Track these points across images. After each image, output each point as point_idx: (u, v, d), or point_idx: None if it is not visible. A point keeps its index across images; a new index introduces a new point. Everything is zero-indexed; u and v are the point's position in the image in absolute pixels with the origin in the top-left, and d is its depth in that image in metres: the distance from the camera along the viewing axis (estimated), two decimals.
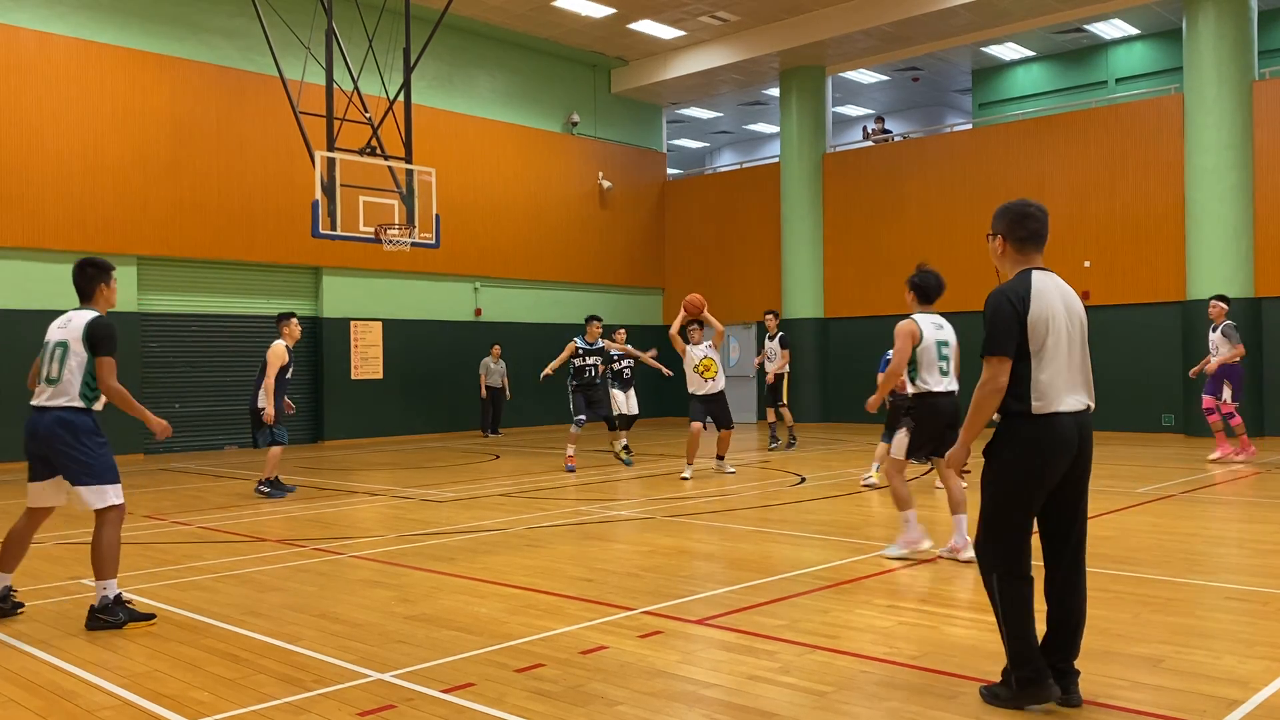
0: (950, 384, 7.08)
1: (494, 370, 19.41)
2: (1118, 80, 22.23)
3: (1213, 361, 12.80)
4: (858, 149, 22.56)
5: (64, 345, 5.60)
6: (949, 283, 7.98)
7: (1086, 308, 7.80)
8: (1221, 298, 13.08)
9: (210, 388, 16.93)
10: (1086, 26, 21.12)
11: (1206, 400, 12.96)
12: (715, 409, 12.09)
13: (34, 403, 5.70)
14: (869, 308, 21.04)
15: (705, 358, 12.05)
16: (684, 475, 11.89)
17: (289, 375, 11.18)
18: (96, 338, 5.55)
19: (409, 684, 4.37)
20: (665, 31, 20.85)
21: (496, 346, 19.54)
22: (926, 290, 7.26)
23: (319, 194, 13.29)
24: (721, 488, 11.18)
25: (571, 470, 12.88)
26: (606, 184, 22.95)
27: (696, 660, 4.70)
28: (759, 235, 22.84)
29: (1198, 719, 3.83)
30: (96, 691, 4.35)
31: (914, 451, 7.05)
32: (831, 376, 21.78)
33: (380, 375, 19.00)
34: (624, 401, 14.26)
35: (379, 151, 14.06)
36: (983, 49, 22.58)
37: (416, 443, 18.41)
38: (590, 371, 13.19)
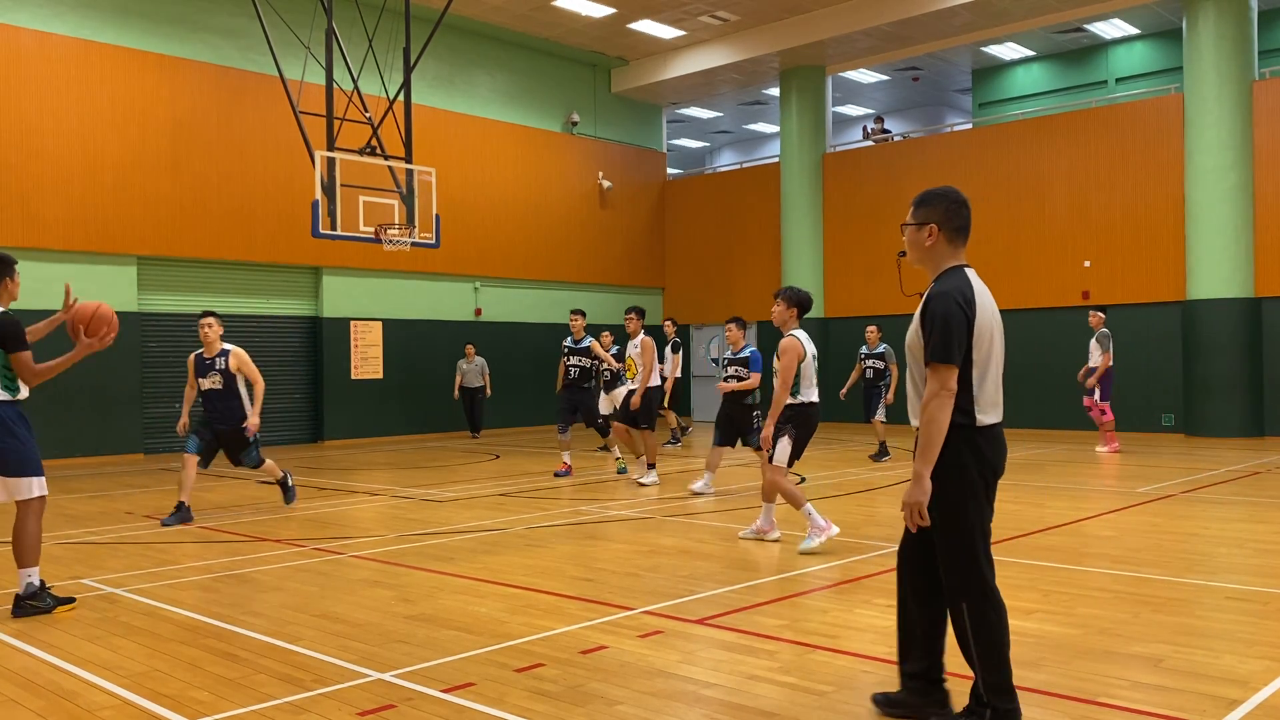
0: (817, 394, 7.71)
1: (469, 370, 19.09)
2: (1118, 80, 22.23)
3: (1094, 369, 14.25)
4: (857, 149, 22.56)
5: None
6: None
7: (1086, 308, 7.75)
8: (1100, 308, 14.64)
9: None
10: (1086, 26, 21.12)
11: (1087, 400, 14.55)
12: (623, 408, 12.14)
13: None
14: (869, 308, 21.03)
15: (630, 357, 11.92)
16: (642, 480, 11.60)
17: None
18: (4, 336, 5.60)
19: (409, 684, 4.37)
20: (665, 31, 20.85)
21: (470, 346, 19.13)
22: (806, 306, 7.62)
23: (319, 194, 13.29)
24: (724, 487, 11.17)
25: (559, 474, 12.28)
26: (606, 184, 22.95)
27: (696, 660, 4.70)
28: (759, 235, 22.84)
29: (1198, 719, 3.83)
30: (96, 691, 4.35)
31: (796, 458, 7.62)
32: (832, 377, 21.74)
33: (380, 375, 19.00)
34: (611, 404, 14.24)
35: (379, 151, 14.06)
36: (983, 49, 22.58)
37: (416, 443, 18.41)
38: (573, 372, 12.23)
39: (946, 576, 3.63)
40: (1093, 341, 14.41)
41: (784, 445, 7.46)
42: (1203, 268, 16.98)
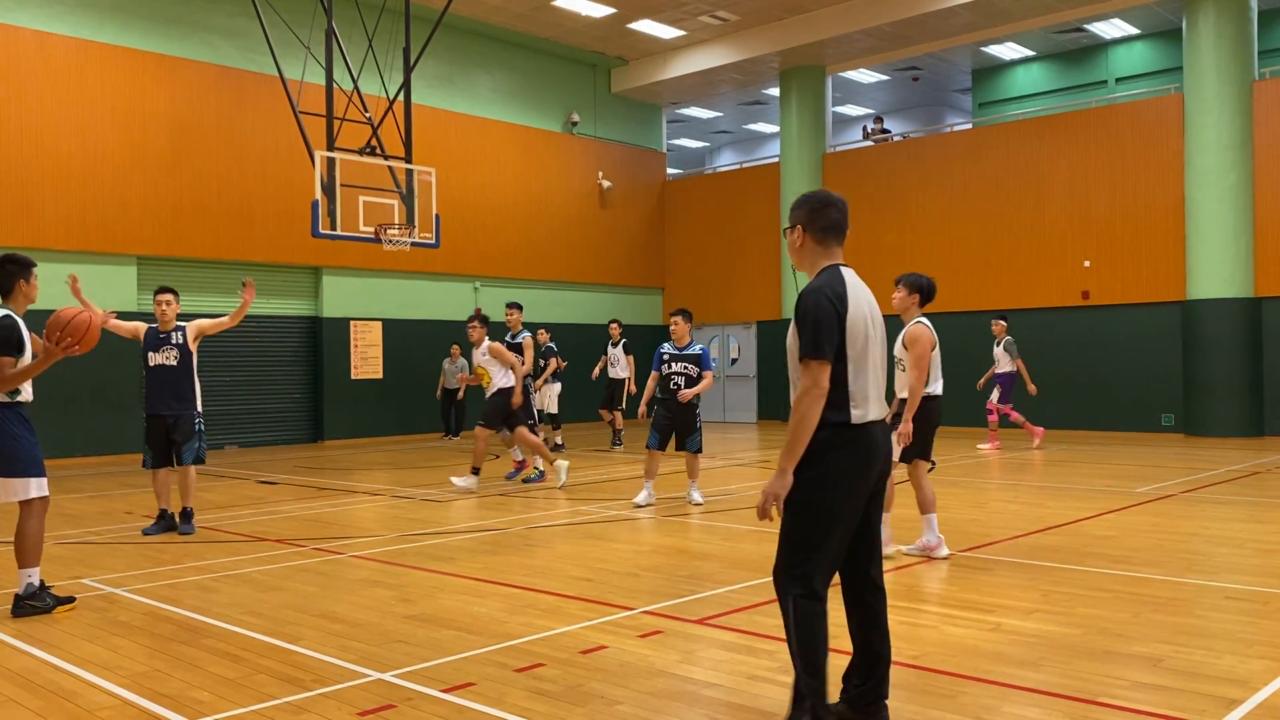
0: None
1: (451, 370, 18.94)
2: (1118, 80, 22.23)
3: (998, 372, 15.05)
4: (858, 149, 22.56)
5: None
6: (946, 283, 8.04)
7: (1087, 308, 7.78)
8: (1002, 316, 15.32)
9: (210, 387, 16.84)
10: (1086, 26, 21.12)
11: (990, 404, 15.30)
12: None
13: None
14: None
15: (479, 365, 11.38)
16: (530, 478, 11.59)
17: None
18: None
19: (409, 684, 4.37)
20: (665, 31, 20.85)
21: (455, 346, 18.95)
22: (927, 292, 6.96)
23: (319, 194, 13.30)
24: (724, 487, 11.17)
25: (529, 479, 11.74)
26: (606, 184, 22.95)
27: (696, 660, 4.70)
28: (759, 235, 22.83)
29: (1197, 719, 3.83)
30: (96, 691, 4.35)
31: (922, 457, 7.06)
32: None
33: (380, 375, 19.00)
34: (550, 400, 14.76)
35: (379, 151, 14.06)
36: (983, 49, 22.58)
37: (416, 443, 18.41)
38: None
39: (781, 562, 3.59)
40: (999, 349, 15.00)
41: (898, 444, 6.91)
42: (1203, 268, 16.98)
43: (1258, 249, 16.87)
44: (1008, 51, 23.08)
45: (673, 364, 9.55)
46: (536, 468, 11.83)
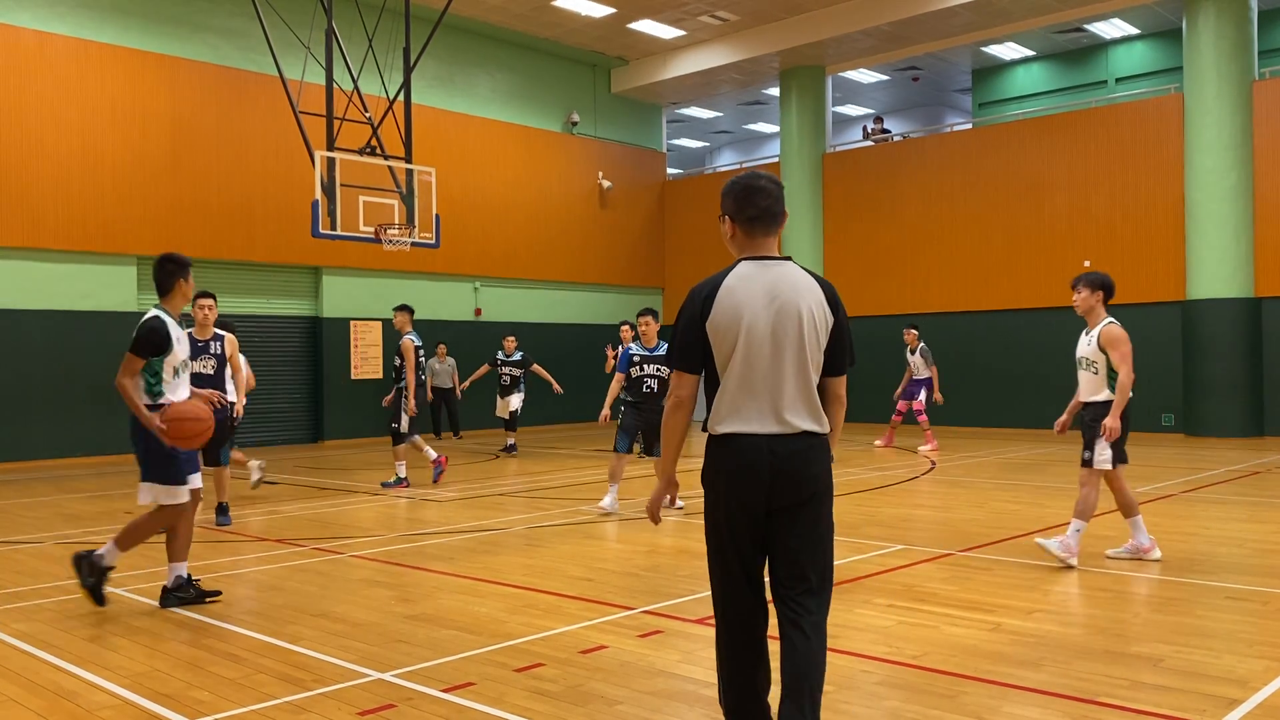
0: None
1: (440, 370, 18.81)
2: (1118, 80, 22.23)
3: (916, 377, 15.55)
4: (857, 149, 22.56)
5: None
6: (945, 283, 8.09)
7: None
8: (914, 326, 15.78)
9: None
10: (1086, 26, 21.12)
11: (909, 404, 15.64)
12: None
13: None
14: (869, 307, 21.03)
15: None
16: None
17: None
18: (138, 337, 5.87)
19: (409, 684, 4.37)
20: (665, 31, 20.85)
21: (442, 346, 18.74)
22: (1110, 290, 7.23)
23: (319, 194, 13.30)
24: None
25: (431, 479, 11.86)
26: (606, 184, 22.95)
27: (696, 660, 4.70)
28: None
29: (1197, 718, 3.83)
30: (96, 691, 4.35)
31: (1121, 460, 6.85)
32: None
33: (380, 375, 18.99)
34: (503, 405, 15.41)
35: (379, 151, 14.06)
36: (983, 49, 22.58)
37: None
38: (393, 374, 12.22)
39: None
40: (915, 357, 15.47)
41: (1102, 446, 6.79)
42: (1203, 268, 16.98)
43: (1258, 249, 16.87)
44: (1008, 51, 23.08)
45: (644, 365, 9.31)
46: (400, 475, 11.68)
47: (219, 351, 8.91)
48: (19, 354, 14.74)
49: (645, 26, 20.54)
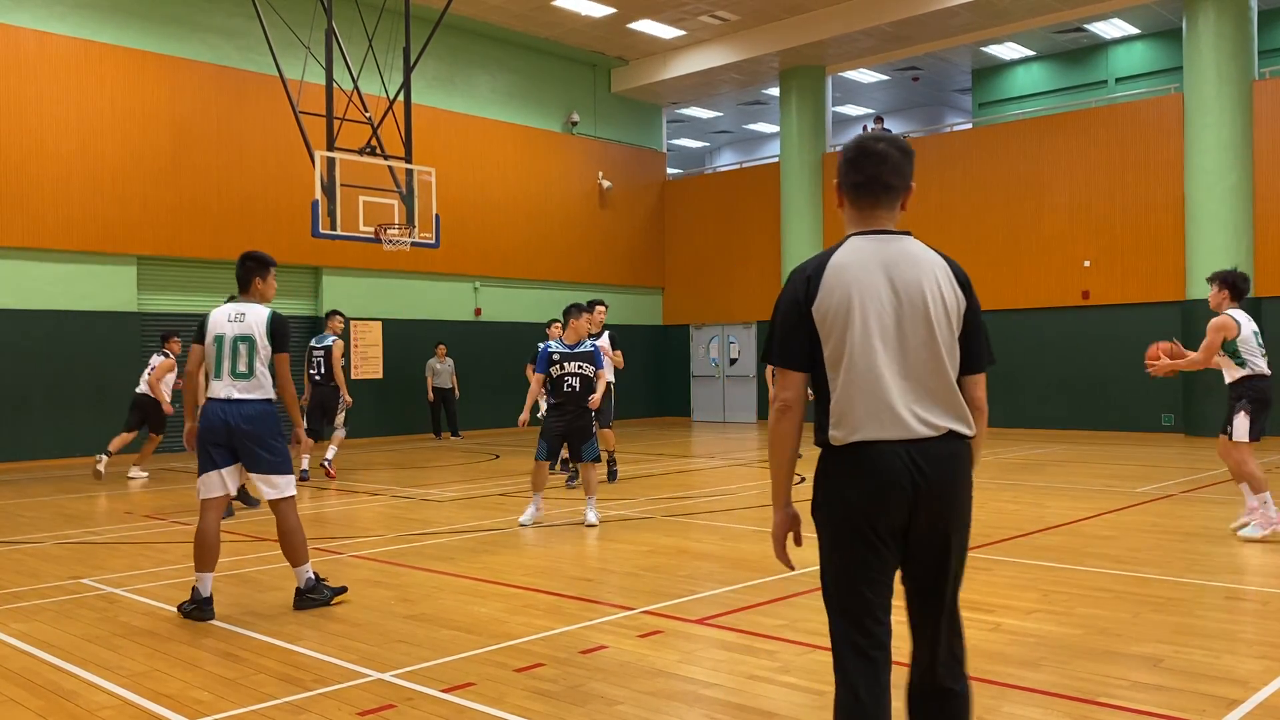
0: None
1: (441, 370, 18.86)
2: (1118, 80, 22.23)
3: None
4: None
5: (249, 340, 5.76)
6: None
7: (1087, 308, 7.83)
8: None
9: None
10: (1086, 26, 21.12)
11: None
12: None
13: (223, 395, 5.75)
14: None
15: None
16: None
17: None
18: (278, 333, 5.84)
19: (409, 684, 4.37)
20: (665, 31, 20.85)
21: (441, 346, 18.97)
22: (1239, 287, 7.78)
23: (319, 194, 13.30)
24: (723, 487, 11.16)
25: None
26: (606, 184, 22.95)
27: (696, 660, 4.70)
28: (759, 235, 22.84)
29: (1197, 718, 3.83)
30: (96, 691, 4.35)
31: (1260, 433, 7.45)
32: None
33: (380, 375, 18.99)
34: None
35: (379, 151, 14.06)
36: (983, 49, 22.58)
37: (416, 443, 18.41)
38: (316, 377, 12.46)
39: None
40: None
41: (1242, 420, 7.37)
42: (1203, 268, 16.94)
43: (1258, 249, 16.86)
44: (1008, 51, 23.08)
45: (565, 364, 8.59)
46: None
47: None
48: (19, 354, 14.74)
49: (645, 26, 20.54)
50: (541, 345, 8.82)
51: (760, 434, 19.15)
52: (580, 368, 8.60)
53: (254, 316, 5.80)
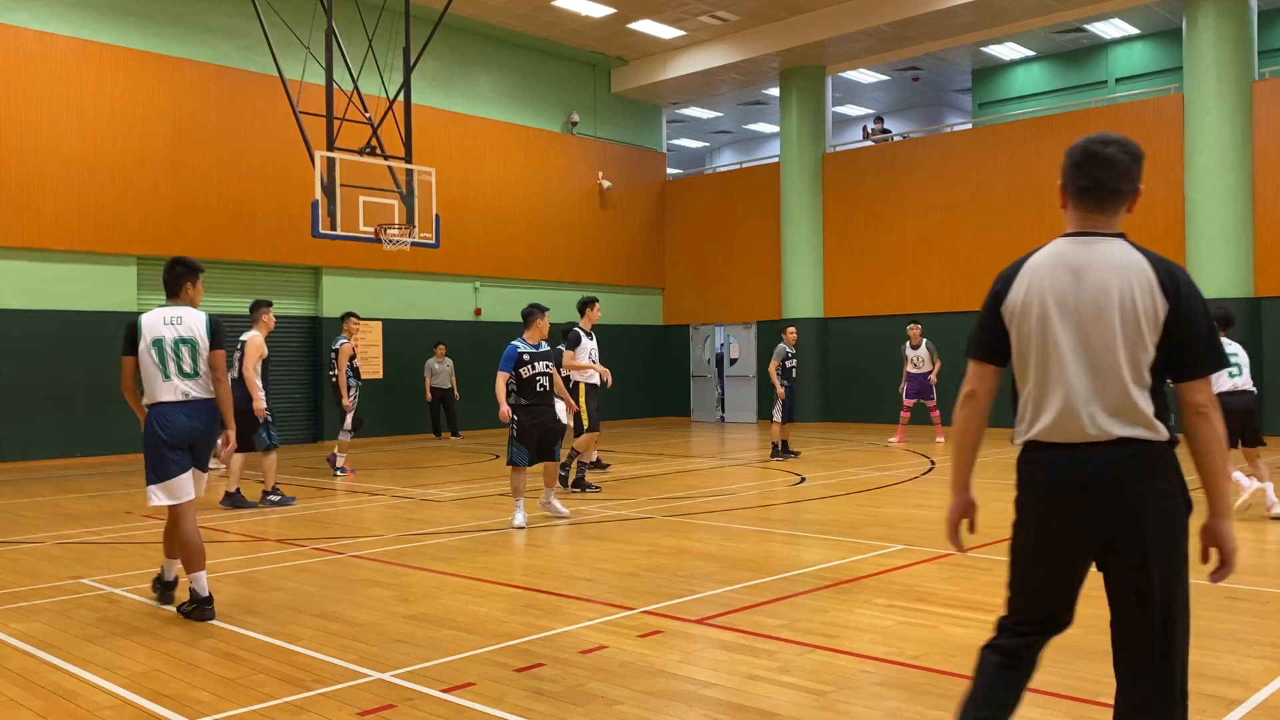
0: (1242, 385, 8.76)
1: (439, 370, 18.84)
2: (1118, 80, 22.23)
3: (914, 372, 16.55)
4: (857, 149, 22.56)
5: (191, 342, 5.79)
6: (946, 283, 8.26)
7: None
8: (917, 323, 16.69)
9: None
10: (1086, 26, 21.12)
11: (915, 401, 16.65)
12: None
13: (179, 396, 5.73)
14: (869, 307, 21.05)
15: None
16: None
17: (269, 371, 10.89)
18: (217, 332, 5.91)
19: (409, 684, 4.37)
20: (665, 31, 20.85)
21: (441, 346, 18.95)
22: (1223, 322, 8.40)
23: (319, 194, 13.30)
24: (723, 487, 11.16)
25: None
26: (606, 184, 22.95)
27: (696, 660, 4.70)
28: (759, 235, 22.84)
29: (1198, 719, 3.83)
30: (96, 691, 4.35)
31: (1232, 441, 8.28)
32: (832, 376, 21.78)
33: (380, 375, 18.99)
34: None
35: (379, 151, 14.06)
36: (983, 49, 22.58)
37: (416, 443, 18.41)
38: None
39: None
40: (919, 351, 16.55)
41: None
42: (1203, 268, 16.97)
43: (1258, 249, 16.86)
44: (1008, 51, 23.08)
45: (535, 364, 8.73)
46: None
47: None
48: (19, 354, 14.74)
49: (645, 26, 20.54)
50: (510, 344, 8.93)
51: (760, 434, 19.15)
52: (546, 367, 8.81)
53: (192, 319, 5.84)
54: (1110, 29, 21.40)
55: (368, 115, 14.16)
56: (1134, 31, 21.60)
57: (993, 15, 18.78)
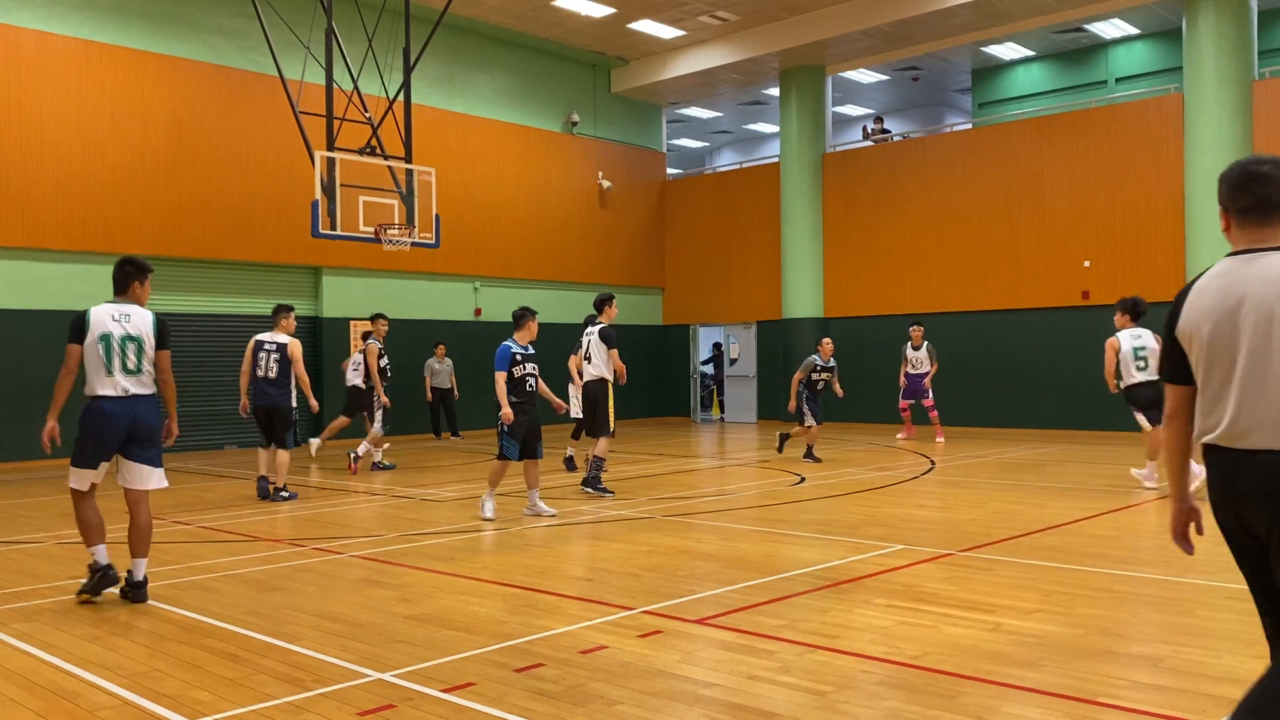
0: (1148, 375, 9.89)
1: (439, 370, 18.85)
2: (1118, 80, 22.22)
3: (913, 372, 17.04)
4: (857, 149, 22.56)
5: (137, 340, 6.05)
6: (945, 283, 8.34)
7: (1087, 308, 7.87)
8: (918, 323, 17.21)
9: (210, 387, 16.90)
10: (1086, 26, 21.11)
11: (925, 400, 17.03)
12: None
13: (120, 391, 6.00)
14: (869, 307, 21.05)
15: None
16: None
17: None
18: (164, 333, 6.17)
19: (409, 684, 4.37)
20: (665, 31, 20.85)
21: (441, 346, 18.96)
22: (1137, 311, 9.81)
23: (319, 194, 13.30)
24: (723, 487, 11.16)
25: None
26: (606, 184, 22.95)
27: (696, 660, 4.70)
28: (759, 235, 22.84)
29: (1198, 719, 3.83)
30: (96, 691, 4.35)
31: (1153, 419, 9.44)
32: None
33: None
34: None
35: (379, 151, 14.06)
36: (983, 49, 22.57)
37: (416, 443, 18.41)
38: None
39: None
40: (920, 352, 16.98)
41: (1140, 417, 9.64)
42: (1203, 267, 16.95)
43: None
44: (1008, 51, 23.07)
45: (525, 364, 9.08)
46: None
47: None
48: (19, 354, 14.74)
49: (645, 26, 20.54)
50: (503, 344, 9.16)
51: (760, 434, 19.15)
52: (534, 368, 9.18)
53: (139, 318, 6.09)
54: (1110, 29, 21.40)
55: (368, 115, 14.16)
56: (1134, 31, 21.60)
57: (993, 15, 18.78)
